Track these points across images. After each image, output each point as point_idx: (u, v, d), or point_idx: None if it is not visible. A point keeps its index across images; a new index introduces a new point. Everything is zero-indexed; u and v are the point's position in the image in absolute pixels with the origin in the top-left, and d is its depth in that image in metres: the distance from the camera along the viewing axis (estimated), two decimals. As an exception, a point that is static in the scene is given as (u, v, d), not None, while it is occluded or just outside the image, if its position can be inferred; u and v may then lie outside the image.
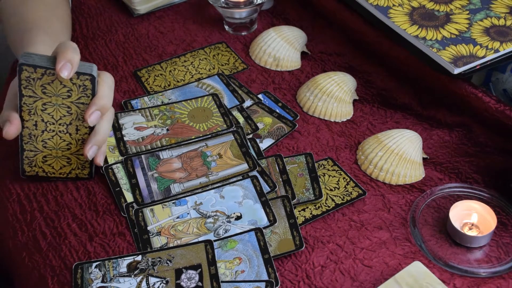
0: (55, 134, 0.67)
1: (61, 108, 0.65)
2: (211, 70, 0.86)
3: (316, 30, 0.93)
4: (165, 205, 0.68)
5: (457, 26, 0.79)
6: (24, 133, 0.67)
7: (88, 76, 0.63)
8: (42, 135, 0.67)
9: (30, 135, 0.67)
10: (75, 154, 0.69)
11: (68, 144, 0.68)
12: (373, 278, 0.62)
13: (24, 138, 0.67)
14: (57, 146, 0.68)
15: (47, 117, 0.66)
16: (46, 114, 0.65)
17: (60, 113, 0.66)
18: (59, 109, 0.65)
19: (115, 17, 0.97)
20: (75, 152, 0.69)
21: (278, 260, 0.63)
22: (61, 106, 0.65)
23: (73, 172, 0.71)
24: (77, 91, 0.64)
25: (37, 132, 0.67)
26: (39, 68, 0.62)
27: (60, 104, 0.65)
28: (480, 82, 0.83)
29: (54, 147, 0.68)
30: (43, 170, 0.70)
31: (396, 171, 0.71)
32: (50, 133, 0.67)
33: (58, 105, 0.65)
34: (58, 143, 0.68)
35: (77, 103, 0.65)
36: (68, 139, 0.68)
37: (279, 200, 0.68)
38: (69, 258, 0.64)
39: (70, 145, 0.68)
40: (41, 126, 0.66)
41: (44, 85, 0.63)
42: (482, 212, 0.66)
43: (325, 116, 0.79)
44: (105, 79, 0.67)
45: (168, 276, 0.61)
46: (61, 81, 0.63)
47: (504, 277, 0.61)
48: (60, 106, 0.65)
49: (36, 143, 0.68)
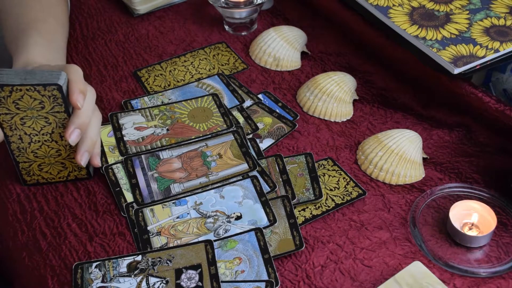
0: (41, 144, 0.68)
1: (38, 119, 0.65)
2: (211, 70, 0.86)
3: (316, 30, 0.93)
4: (165, 205, 0.68)
5: (457, 26, 0.79)
6: (13, 147, 0.67)
7: (54, 86, 0.63)
8: (29, 147, 0.67)
9: (19, 148, 0.67)
10: (67, 159, 0.69)
11: (57, 151, 0.69)
12: (373, 278, 0.62)
13: (14, 152, 0.68)
14: (47, 154, 0.69)
15: (28, 130, 0.66)
16: (26, 127, 0.66)
17: (39, 124, 0.66)
18: (37, 121, 0.66)
19: (115, 17, 0.97)
20: (66, 157, 0.69)
21: (278, 260, 0.63)
22: (38, 117, 0.65)
23: (71, 175, 0.71)
24: (48, 102, 0.64)
25: (25, 145, 0.67)
26: (5, 87, 0.62)
27: (37, 116, 0.65)
28: (480, 82, 0.83)
29: (45, 155, 0.69)
30: (42, 177, 0.71)
31: (396, 171, 0.71)
32: (37, 143, 0.67)
33: (35, 117, 0.65)
34: (48, 151, 0.68)
35: (53, 112, 0.65)
36: (55, 146, 0.68)
37: (279, 200, 0.68)
38: (69, 258, 0.64)
39: (60, 151, 0.69)
40: (26, 139, 0.67)
41: (15, 102, 0.64)
42: (482, 212, 0.66)
43: (325, 116, 0.79)
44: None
45: (168, 276, 0.61)
46: (30, 95, 0.63)
47: (504, 277, 0.61)
48: (37, 118, 0.65)
49: (27, 154, 0.68)
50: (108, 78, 0.85)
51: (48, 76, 0.63)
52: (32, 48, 0.73)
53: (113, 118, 0.77)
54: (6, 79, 0.62)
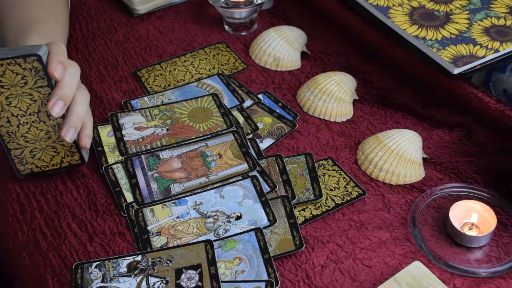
0: (30, 126, 0.67)
1: (23, 97, 0.65)
2: (211, 70, 0.86)
3: (316, 30, 0.93)
4: (165, 205, 0.68)
5: (457, 26, 0.79)
6: (2, 132, 0.67)
7: (34, 57, 0.62)
8: (19, 130, 0.67)
9: (9, 132, 0.67)
10: (58, 142, 0.69)
11: (46, 133, 0.68)
12: (373, 278, 0.62)
13: (4, 137, 0.67)
14: (38, 138, 0.68)
15: (15, 110, 0.66)
16: (13, 107, 0.65)
17: (25, 102, 0.65)
18: (22, 99, 0.65)
19: (115, 17, 0.97)
20: (57, 140, 0.69)
21: (278, 260, 0.63)
22: (23, 95, 0.65)
23: (64, 161, 0.71)
24: (31, 76, 0.63)
25: (14, 129, 0.67)
26: None
27: (21, 94, 0.65)
28: (480, 82, 0.83)
29: (35, 139, 0.68)
30: (36, 165, 0.70)
31: (396, 171, 0.71)
32: (26, 126, 0.67)
33: (20, 95, 0.65)
34: (38, 134, 0.68)
35: (36, 88, 0.64)
36: (44, 128, 0.68)
37: (279, 200, 0.68)
38: (69, 258, 0.64)
39: (49, 133, 0.68)
40: (14, 121, 0.66)
41: None
42: (482, 212, 0.66)
43: (325, 116, 0.79)
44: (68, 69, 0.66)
45: (168, 276, 0.61)
46: (12, 70, 0.62)
47: (504, 277, 0.61)
48: (22, 96, 0.65)
49: (17, 139, 0.68)
50: (108, 78, 0.85)
51: (28, 48, 0.63)
52: None
53: (113, 118, 0.77)
54: None
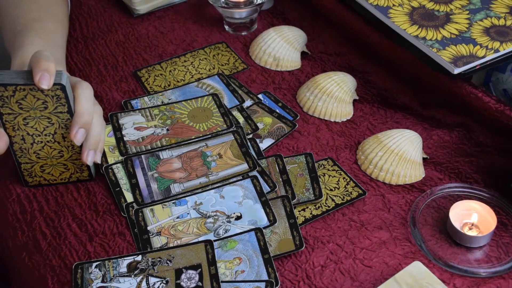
0: (44, 144, 0.68)
1: (41, 120, 0.65)
2: (211, 70, 0.86)
3: (316, 30, 0.93)
4: (165, 205, 0.68)
5: (457, 26, 0.79)
6: (15, 148, 0.67)
7: (58, 86, 0.63)
8: (32, 147, 0.68)
9: (21, 149, 0.67)
10: (70, 160, 0.69)
11: (59, 152, 0.69)
12: (373, 278, 0.62)
13: (17, 152, 0.68)
14: (50, 156, 0.69)
15: (31, 130, 0.66)
16: (29, 127, 0.66)
17: (42, 124, 0.66)
18: (40, 121, 0.66)
19: (115, 17, 0.97)
20: (69, 158, 0.69)
21: (278, 260, 0.63)
22: (41, 118, 0.65)
23: (73, 176, 0.71)
24: (52, 102, 0.64)
25: (27, 146, 0.67)
26: (9, 86, 0.62)
27: (40, 117, 0.65)
28: (480, 82, 0.83)
29: (48, 156, 0.69)
30: (44, 178, 0.71)
31: (396, 171, 0.71)
32: (39, 144, 0.67)
33: (38, 118, 0.65)
34: (50, 152, 0.68)
35: (56, 113, 0.65)
36: (58, 147, 0.68)
37: (279, 200, 0.68)
38: (69, 258, 0.64)
39: (62, 152, 0.69)
40: (29, 139, 0.67)
41: (18, 101, 0.64)
42: (482, 212, 0.66)
43: (325, 116, 0.79)
44: (81, 93, 0.66)
45: (168, 276, 0.61)
46: (33, 95, 0.63)
47: (504, 277, 0.61)
48: (40, 118, 0.65)
49: (29, 155, 0.68)
50: (108, 78, 0.85)
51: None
52: (28, 48, 0.73)
53: (113, 118, 0.77)
54: (9, 79, 0.62)
